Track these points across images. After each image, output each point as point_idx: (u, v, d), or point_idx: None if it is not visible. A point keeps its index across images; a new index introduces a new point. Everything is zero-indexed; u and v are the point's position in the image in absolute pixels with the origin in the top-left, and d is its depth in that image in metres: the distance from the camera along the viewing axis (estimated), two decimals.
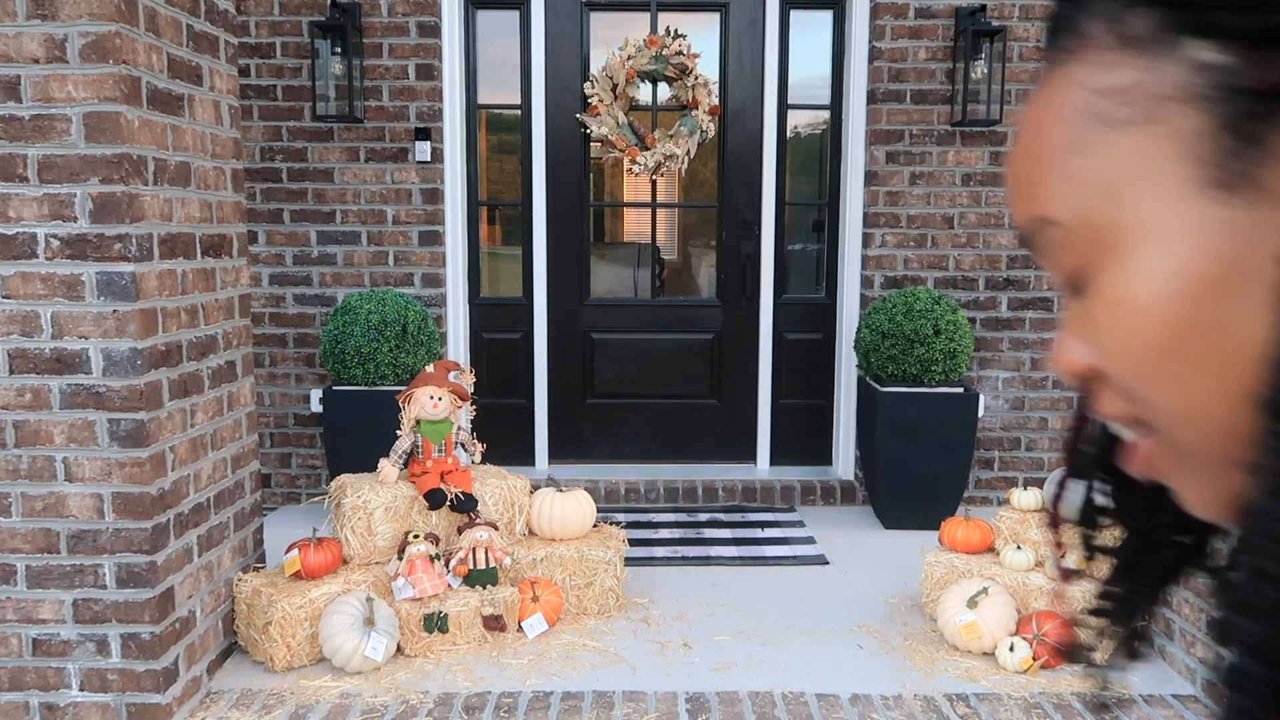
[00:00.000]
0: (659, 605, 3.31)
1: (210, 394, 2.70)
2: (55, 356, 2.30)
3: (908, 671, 2.80)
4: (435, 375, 3.22)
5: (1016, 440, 4.52)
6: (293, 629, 2.76)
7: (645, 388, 4.78)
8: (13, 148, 2.24)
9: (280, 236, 4.37)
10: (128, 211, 2.26)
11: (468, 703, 2.60)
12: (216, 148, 2.74)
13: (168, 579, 2.45)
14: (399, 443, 3.19)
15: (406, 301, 4.10)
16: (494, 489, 3.25)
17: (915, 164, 4.33)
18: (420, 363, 4.08)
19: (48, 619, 2.38)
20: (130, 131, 2.26)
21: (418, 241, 4.38)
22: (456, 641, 2.91)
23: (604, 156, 4.63)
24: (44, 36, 2.20)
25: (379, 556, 3.09)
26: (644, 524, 4.22)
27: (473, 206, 4.63)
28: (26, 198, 2.25)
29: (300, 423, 4.48)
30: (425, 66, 4.29)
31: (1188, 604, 2.76)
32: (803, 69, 4.57)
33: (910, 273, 4.39)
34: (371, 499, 3.08)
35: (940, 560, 3.16)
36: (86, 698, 2.41)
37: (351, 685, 2.69)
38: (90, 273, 2.27)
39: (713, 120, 4.53)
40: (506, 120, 4.65)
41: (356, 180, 4.34)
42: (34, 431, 2.33)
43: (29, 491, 2.34)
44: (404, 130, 4.31)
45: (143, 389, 2.32)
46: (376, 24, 4.27)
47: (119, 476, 2.34)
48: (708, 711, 2.56)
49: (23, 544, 2.36)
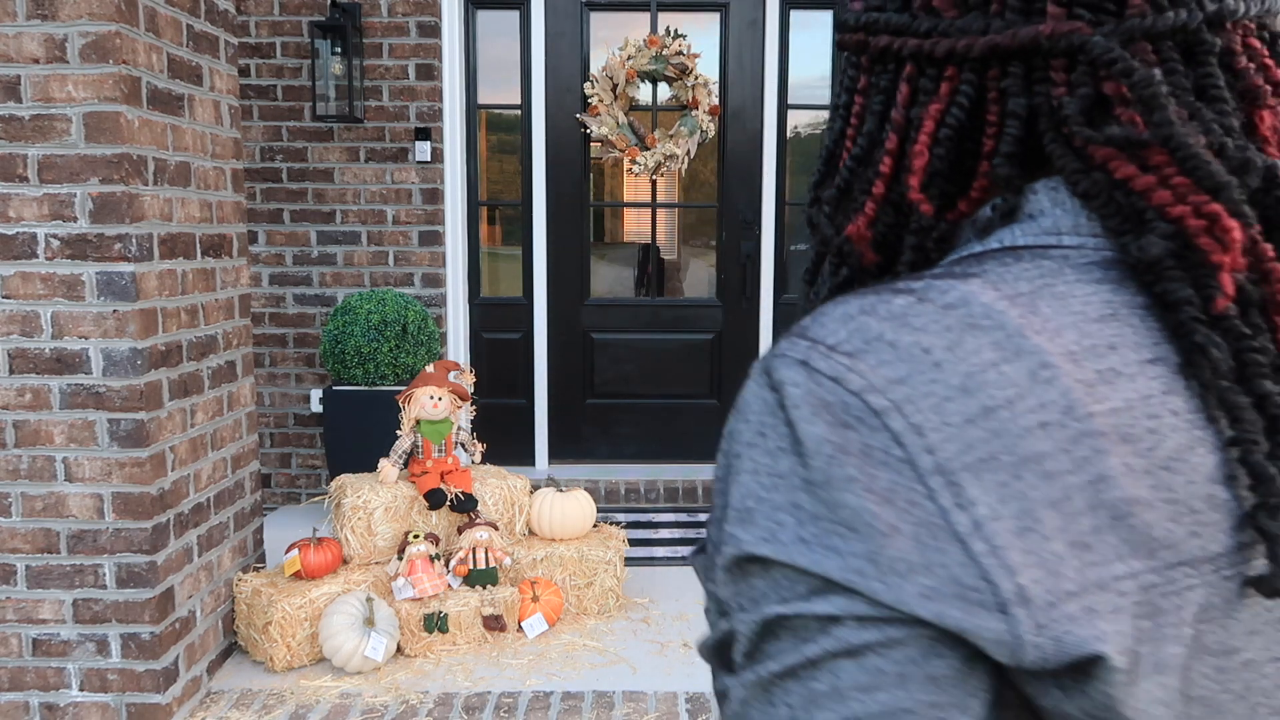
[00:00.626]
0: (659, 605, 3.32)
1: (210, 394, 2.70)
2: (55, 356, 2.30)
3: None
4: (435, 375, 3.22)
5: None
6: (293, 629, 2.76)
7: (645, 388, 4.78)
8: (13, 148, 2.24)
9: (280, 236, 4.37)
10: (128, 211, 2.26)
11: (468, 703, 2.60)
12: (216, 148, 2.74)
13: (168, 579, 2.45)
14: (399, 443, 3.19)
15: (406, 301, 4.10)
16: (494, 489, 3.25)
17: None
18: (420, 363, 4.08)
19: (48, 619, 2.38)
20: (130, 131, 2.26)
21: (418, 241, 4.38)
22: (456, 641, 2.91)
23: (604, 156, 4.63)
24: (44, 36, 2.20)
25: (379, 556, 3.09)
26: (644, 524, 4.22)
27: (473, 206, 4.63)
28: (26, 198, 2.25)
29: (300, 423, 4.48)
30: (425, 66, 4.29)
31: None
32: (803, 69, 4.57)
33: None
34: (371, 499, 3.08)
35: None
36: (86, 698, 2.41)
37: (351, 685, 2.69)
38: (90, 273, 2.27)
39: (713, 120, 4.53)
40: (506, 120, 4.65)
41: (356, 180, 4.35)
42: (34, 431, 2.33)
43: (29, 491, 2.34)
44: (404, 130, 4.31)
45: (143, 389, 2.32)
46: (376, 24, 4.27)
47: (119, 476, 2.34)
48: (708, 711, 2.56)
49: (23, 544, 2.36)
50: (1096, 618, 0.36)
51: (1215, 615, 0.38)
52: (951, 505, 0.36)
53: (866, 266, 0.49)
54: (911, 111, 0.46)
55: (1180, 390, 0.39)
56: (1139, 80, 0.40)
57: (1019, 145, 0.44)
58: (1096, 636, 0.36)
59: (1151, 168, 0.40)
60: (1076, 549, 0.36)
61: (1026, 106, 0.43)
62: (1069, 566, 0.36)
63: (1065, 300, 0.40)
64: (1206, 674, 0.38)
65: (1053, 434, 0.37)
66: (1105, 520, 0.36)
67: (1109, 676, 0.36)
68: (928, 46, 0.45)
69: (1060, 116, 0.42)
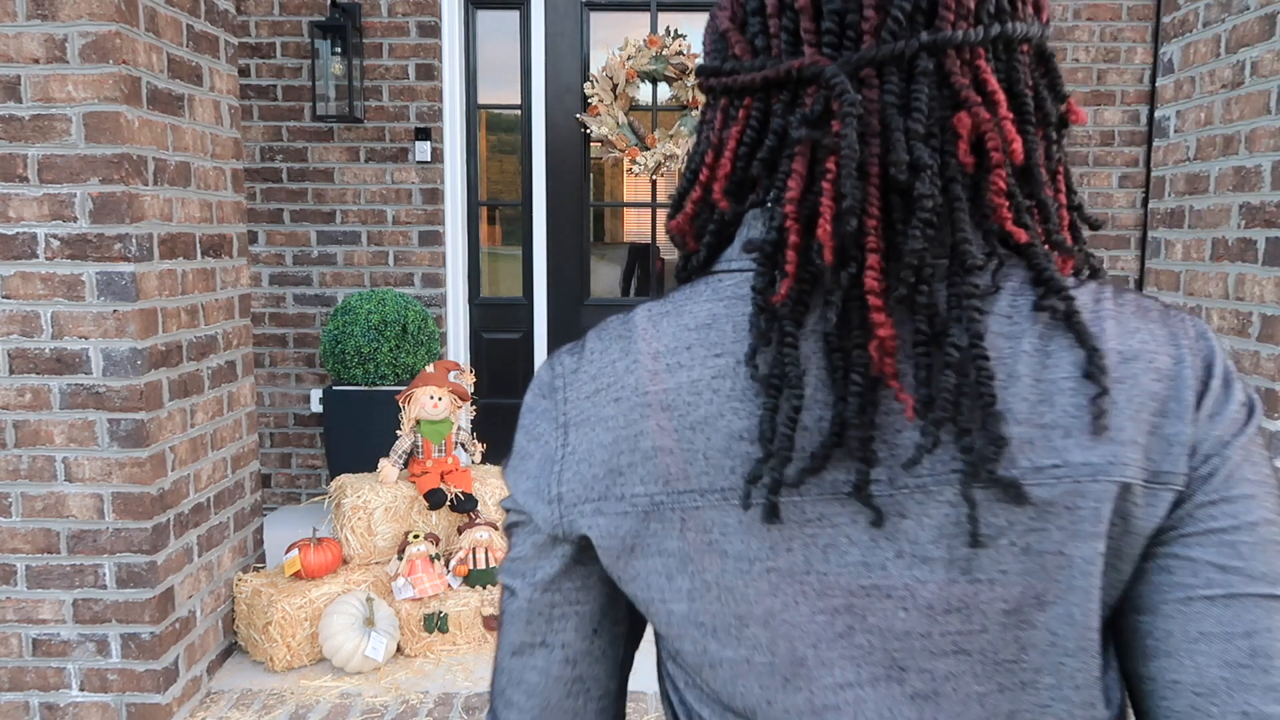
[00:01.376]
0: None
1: (210, 394, 2.70)
2: (55, 356, 2.30)
3: None
4: (435, 375, 3.22)
5: None
6: (293, 629, 2.76)
7: None
8: (13, 148, 2.24)
9: (280, 236, 4.37)
10: (128, 211, 2.26)
11: (468, 703, 2.60)
12: (216, 148, 2.74)
13: (168, 579, 2.45)
14: (399, 443, 3.19)
15: (406, 301, 4.10)
16: (494, 489, 3.25)
17: None
18: (420, 363, 4.08)
19: (48, 619, 2.38)
20: (130, 131, 2.26)
21: (418, 241, 4.38)
22: (456, 641, 2.91)
23: (604, 156, 4.63)
24: (44, 36, 2.20)
25: (379, 556, 3.09)
26: None
27: (473, 206, 4.63)
28: (26, 198, 2.25)
29: (300, 423, 4.49)
30: (425, 66, 4.29)
31: None
32: None
33: None
34: (371, 499, 3.08)
35: None
36: (86, 698, 2.41)
37: (351, 685, 2.70)
38: (90, 273, 2.27)
39: None
40: (506, 120, 4.65)
41: (356, 180, 4.35)
42: (34, 431, 2.33)
43: (29, 491, 2.34)
44: (404, 130, 4.31)
45: (143, 389, 2.32)
46: (376, 24, 4.27)
47: (119, 476, 2.34)
48: None
49: (23, 544, 2.36)
50: (600, 515, 0.57)
51: (731, 530, 0.54)
52: (559, 445, 0.59)
53: (692, 253, 0.63)
54: (723, 133, 0.58)
55: (736, 374, 0.54)
56: (844, 99, 0.51)
57: (774, 155, 0.56)
58: (589, 526, 0.58)
59: (825, 171, 0.52)
60: (611, 474, 0.57)
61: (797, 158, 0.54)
62: (599, 484, 0.57)
63: (680, 315, 0.58)
64: (728, 570, 0.55)
65: (620, 404, 0.57)
66: (638, 459, 0.56)
67: (600, 552, 0.58)
68: (730, 82, 0.57)
69: (784, 131, 0.55)
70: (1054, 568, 0.52)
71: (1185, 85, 2.84)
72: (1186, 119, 2.83)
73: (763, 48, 0.55)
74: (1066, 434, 0.51)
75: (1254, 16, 2.49)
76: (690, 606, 0.56)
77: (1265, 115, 2.44)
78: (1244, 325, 2.51)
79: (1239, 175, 2.55)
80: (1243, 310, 2.52)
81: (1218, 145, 2.66)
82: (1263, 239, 2.44)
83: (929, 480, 0.52)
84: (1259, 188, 2.46)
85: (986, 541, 0.52)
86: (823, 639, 0.54)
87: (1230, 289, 2.58)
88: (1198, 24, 2.77)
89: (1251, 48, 2.50)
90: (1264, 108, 2.44)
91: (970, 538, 0.51)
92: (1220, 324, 2.63)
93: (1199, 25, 2.76)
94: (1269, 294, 2.41)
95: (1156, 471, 0.52)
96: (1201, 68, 2.75)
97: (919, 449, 0.50)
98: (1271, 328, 2.40)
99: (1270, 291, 2.41)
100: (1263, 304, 2.44)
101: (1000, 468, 0.50)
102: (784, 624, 0.55)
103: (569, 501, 0.58)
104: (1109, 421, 0.51)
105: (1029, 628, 0.53)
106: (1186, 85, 2.83)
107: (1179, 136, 2.87)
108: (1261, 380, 2.44)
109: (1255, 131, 2.48)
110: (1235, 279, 2.56)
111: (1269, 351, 2.41)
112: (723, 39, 0.59)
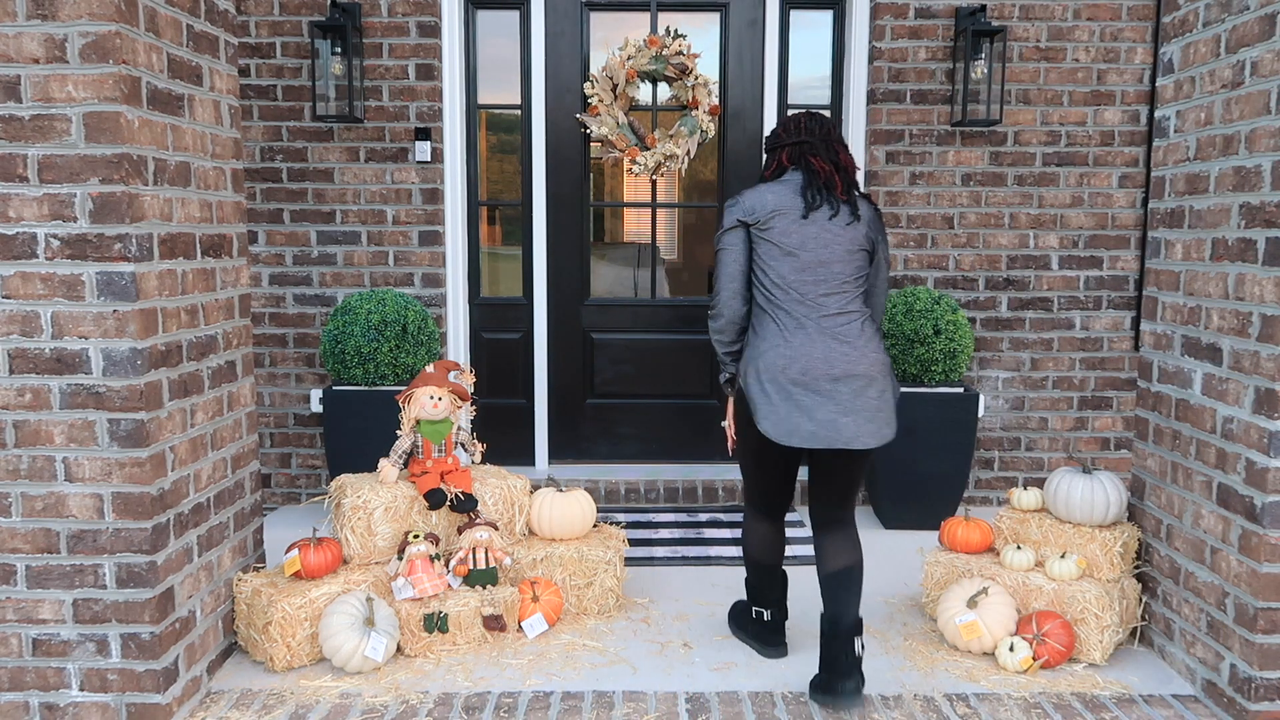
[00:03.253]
0: (659, 605, 3.32)
1: (210, 394, 2.70)
2: (55, 356, 2.30)
3: (907, 671, 2.80)
4: (435, 375, 3.22)
5: (1016, 440, 4.52)
6: (293, 629, 2.76)
7: (645, 388, 4.78)
8: (13, 148, 2.24)
9: (280, 236, 4.38)
10: (128, 211, 2.26)
11: (468, 703, 2.60)
12: (216, 148, 2.74)
13: (168, 579, 2.45)
14: (399, 443, 3.19)
15: (406, 301, 4.10)
16: (494, 489, 3.25)
17: (915, 164, 4.33)
18: (420, 363, 4.08)
19: (48, 619, 2.38)
20: (130, 131, 2.26)
21: (418, 241, 4.38)
22: (456, 641, 2.91)
23: (604, 156, 4.63)
24: (44, 36, 2.20)
25: (379, 556, 3.09)
26: (644, 524, 4.22)
27: (473, 206, 4.63)
28: (26, 198, 2.25)
29: (300, 423, 4.49)
30: (425, 66, 4.29)
31: (1188, 604, 2.76)
32: (803, 69, 4.57)
33: (910, 273, 4.39)
34: (371, 499, 3.08)
35: (940, 560, 3.16)
36: (86, 698, 2.41)
37: (351, 685, 2.70)
38: (90, 273, 2.27)
39: (713, 120, 4.54)
40: (506, 120, 4.65)
41: (356, 180, 4.35)
42: (34, 431, 2.33)
43: (29, 491, 2.35)
44: (404, 130, 4.32)
45: (143, 389, 2.32)
46: (376, 24, 4.27)
47: (119, 476, 2.34)
48: (708, 711, 2.56)
49: (23, 544, 2.36)
50: (753, 214, 2.61)
51: (791, 226, 2.58)
52: (742, 204, 2.67)
53: (768, 177, 2.71)
54: (783, 157, 2.69)
55: (795, 195, 2.64)
56: (806, 149, 2.65)
57: (792, 160, 2.68)
58: (751, 221, 2.64)
59: (809, 162, 2.64)
60: (757, 209, 2.62)
61: (802, 155, 2.65)
62: (754, 213, 2.61)
63: (775, 185, 2.65)
64: (789, 238, 2.58)
65: (758, 195, 2.70)
66: (766, 205, 2.63)
67: (752, 228, 2.62)
68: (784, 143, 2.69)
69: (803, 156, 2.66)
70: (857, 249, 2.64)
71: (1185, 85, 2.84)
72: (1186, 119, 2.83)
73: (794, 133, 2.67)
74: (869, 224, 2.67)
75: (1254, 16, 2.49)
76: (777, 248, 2.56)
77: (1265, 115, 2.43)
78: (1244, 325, 2.51)
79: (1239, 175, 2.55)
80: (1243, 310, 2.52)
81: (1218, 145, 2.66)
82: (1263, 239, 2.44)
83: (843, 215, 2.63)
84: (1259, 188, 2.46)
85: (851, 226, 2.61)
86: (808, 266, 2.57)
87: (1230, 289, 2.58)
88: (1198, 24, 2.77)
89: (1251, 48, 2.50)
90: (1264, 108, 2.44)
91: (848, 226, 2.60)
92: (1220, 324, 2.63)
93: (1199, 25, 2.76)
94: (1269, 294, 2.41)
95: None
96: (1201, 68, 2.75)
97: (834, 203, 2.59)
98: (1271, 328, 2.40)
99: (1270, 291, 2.41)
100: (1263, 304, 2.44)
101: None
102: (803, 260, 2.56)
103: (743, 215, 2.59)
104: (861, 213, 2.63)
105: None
106: (1186, 85, 2.83)
107: (1179, 136, 2.87)
108: (1261, 380, 2.44)
109: (1255, 131, 2.48)
110: (1235, 279, 2.56)
111: (1269, 351, 2.41)
112: (784, 128, 2.70)
